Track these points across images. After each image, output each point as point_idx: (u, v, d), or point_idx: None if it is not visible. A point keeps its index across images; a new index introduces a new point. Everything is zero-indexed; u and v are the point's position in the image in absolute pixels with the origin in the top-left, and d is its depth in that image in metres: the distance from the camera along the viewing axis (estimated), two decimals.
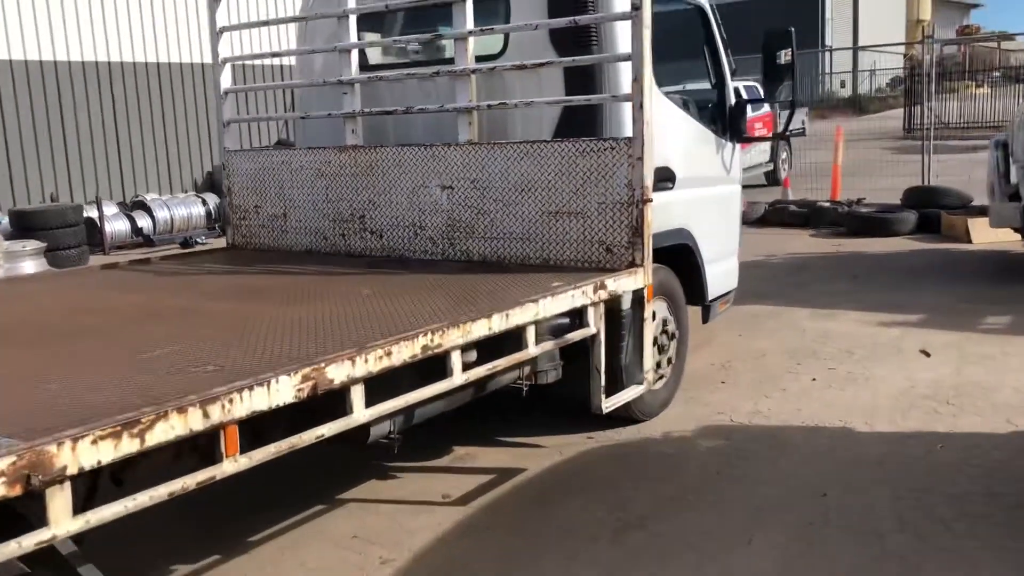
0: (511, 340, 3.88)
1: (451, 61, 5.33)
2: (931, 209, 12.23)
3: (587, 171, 4.78)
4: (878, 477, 4.64)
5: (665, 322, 5.62)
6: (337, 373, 2.91)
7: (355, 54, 5.68)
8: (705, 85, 6.33)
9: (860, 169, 14.58)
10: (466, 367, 3.64)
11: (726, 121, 6.17)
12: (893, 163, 14.85)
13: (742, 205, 6.56)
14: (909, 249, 11.27)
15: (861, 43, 43.52)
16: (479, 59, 5.35)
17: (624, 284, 4.55)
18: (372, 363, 3.03)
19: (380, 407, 3.15)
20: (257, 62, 16.34)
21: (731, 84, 6.23)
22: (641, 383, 4.86)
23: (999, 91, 29.16)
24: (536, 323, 3.92)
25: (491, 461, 5.12)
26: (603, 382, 4.46)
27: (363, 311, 3.86)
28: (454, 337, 3.41)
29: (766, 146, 18.39)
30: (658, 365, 5.56)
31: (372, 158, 5.53)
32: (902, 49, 35.97)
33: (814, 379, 6.31)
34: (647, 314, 4.77)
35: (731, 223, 6.44)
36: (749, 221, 13.63)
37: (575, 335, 4.28)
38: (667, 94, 5.60)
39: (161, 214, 15.40)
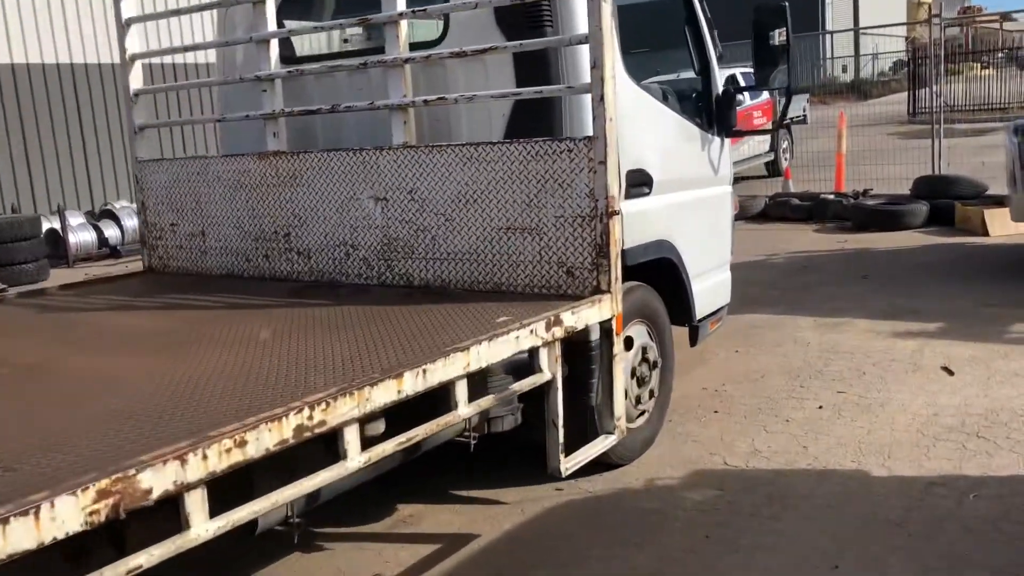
0: (437, 397, 3.08)
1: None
2: (943, 200, 11.37)
3: (541, 178, 3.97)
4: (900, 543, 3.82)
5: (645, 349, 4.80)
6: (158, 480, 2.10)
7: (275, 45, 4.86)
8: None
9: (865, 157, 13.70)
10: (370, 441, 2.84)
11: (712, 113, 5.34)
12: (900, 150, 13.95)
13: (734, 207, 5.74)
14: (921, 244, 10.42)
15: (862, 26, 42.59)
16: (416, 47, 4.53)
17: (586, 316, 3.73)
18: (215, 460, 2.22)
19: (230, 516, 2.34)
20: (178, 60, 15.32)
21: (717, 71, 5.40)
22: (612, 432, 4.04)
23: (1005, 73, 28.23)
24: (469, 376, 3.11)
25: (439, 524, 4.31)
26: (561, 438, 3.65)
27: (246, 366, 3.05)
28: (345, 410, 2.60)
29: (766, 135, 17.54)
30: (638, 400, 4.75)
31: (295, 166, 4.72)
32: (904, 32, 35.03)
33: (820, 406, 5.49)
34: (617, 349, 3.95)
35: (721, 230, 5.61)
36: (749, 216, 12.81)
37: (524, 384, 3.47)
38: (643, 84, 4.78)
39: (130, 223, 14.58)
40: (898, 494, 4.29)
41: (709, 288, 5.41)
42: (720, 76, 5.42)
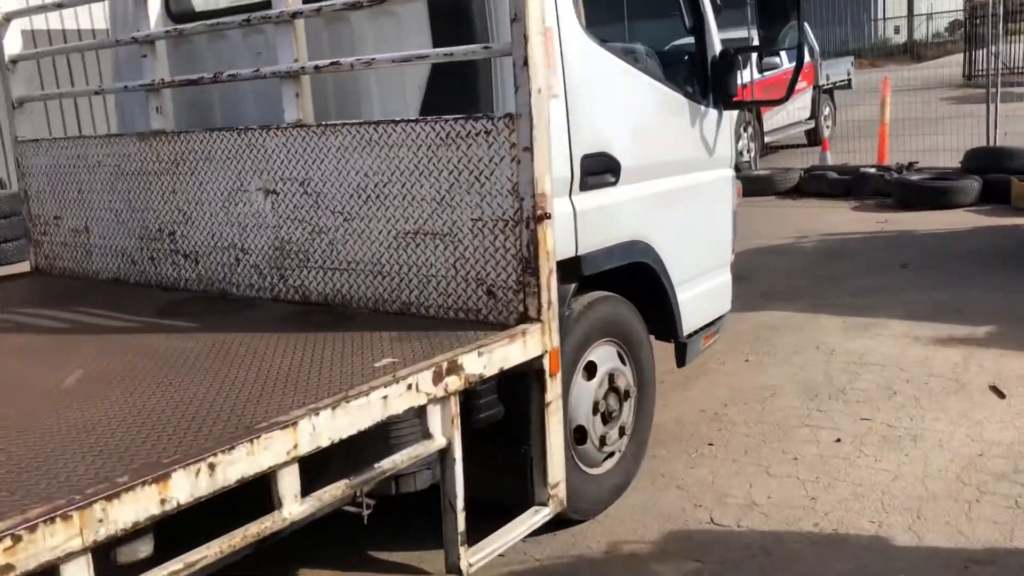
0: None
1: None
2: (998, 175, 10.15)
3: (453, 169, 3.01)
4: None
5: (612, 377, 3.85)
6: None
7: (155, 0, 3.94)
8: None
9: (913, 127, 12.43)
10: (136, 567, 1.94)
11: (707, 80, 4.32)
12: (952, 118, 12.66)
13: (736, 195, 4.72)
14: (971, 226, 9.25)
15: None
16: None
17: (503, 357, 2.79)
18: None
19: None
20: (71, 25, 13.16)
21: (714, 27, 4.37)
22: (545, 503, 3.09)
23: None
24: (299, 459, 2.19)
25: None
26: (461, 525, 2.71)
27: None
28: (60, 539, 1.69)
29: (806, 100, 16.28)
30: (603, 441, 3.81)
31: (177, 149, 3.81)
32: None
33: (838, 439, 4.50)
34: (551, 395, 3.00)
35: (717, 224, 4.60)
36: (781, 191, 11.71)
37: (401, 458, 2.54)
38: (611, 45, 3.79)
39: None
40: (927, 573, 3.31)
41: (701, 296, 4.43)
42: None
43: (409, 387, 2.44)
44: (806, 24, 16.34)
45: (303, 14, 3.34)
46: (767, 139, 15.00)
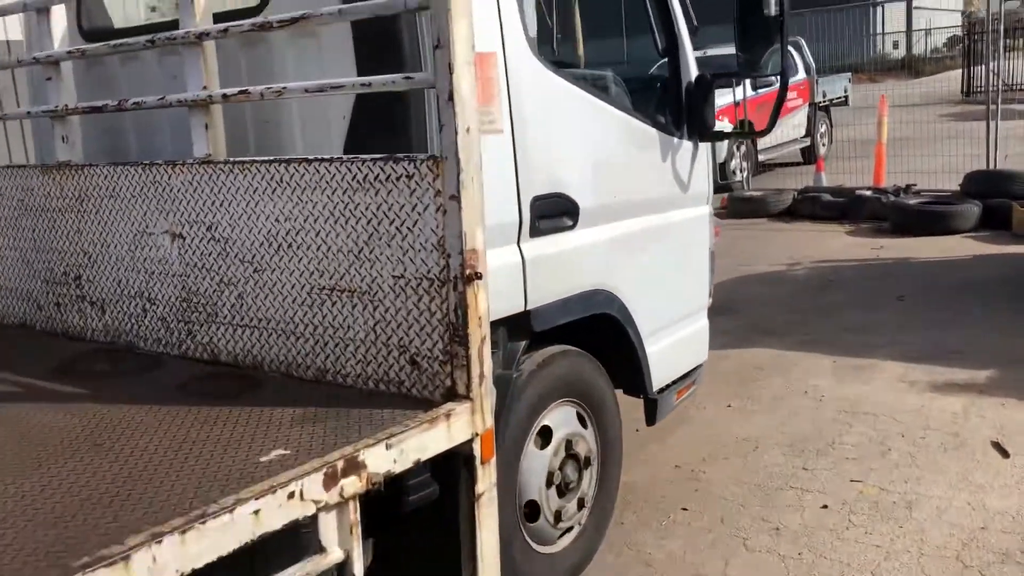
0: None
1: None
2: (999, 199, 9.74)
3: (372, 218, 2.59)
4: None
5: (571, 444, 3.42)
6: None
7: (59, 13, 3.52)
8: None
9: (910, 147, 11.99)
10: None
11: (681, 109, 3.90)
12: (951, 137, 12.24)
13: (714, 236, 4.29)
14: (971, 254, 8.84)
15: (915, 3, 40.30)
16: (227, 16, 3.17)
17: (421, 444, 2.35)
18: None
19: None
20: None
21: (689, 50, 3.95)
22: None
23: None
24: None
25: None
26: None
27: None
28: None
29: (802, 118, 15.91)
30: (558, 517, 3.38)
31: (82, 184, 3.38)
32: (960, 5, 32.77)
33: (825, 505, 4.07)
34: (483, 486, 2.56)
35: (693, 267, 4.17)
36: (773, 213, 11.30)
37: None
38: (569, 71, 3.38)
39: None
40: None
41: (673, 346, 4.00)
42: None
43: (292, 495, 2.01)
44: (802, 40, 16.01)
45: (211, 35, 2.92)
46: (761, 157, 14.62)
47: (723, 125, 13.30)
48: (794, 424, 4.99)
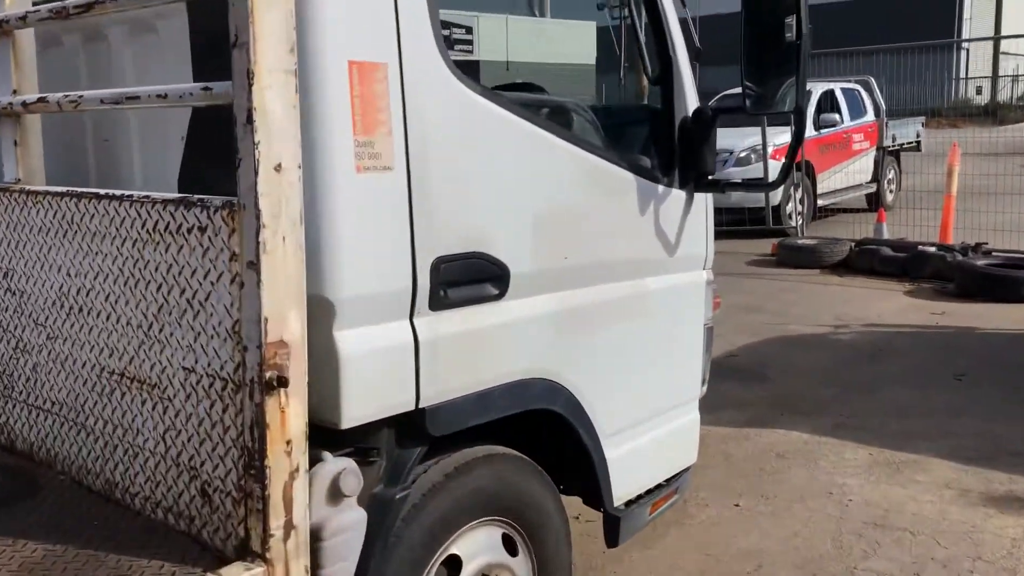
0: None
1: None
2: None
3: (162, 284, 1.84)
4: None
5: None
6: None
7: None
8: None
9: (985, 201, 10.84)
10: None
11: (673, 150, 3.08)
12: None
13: (711, 308, 3.43)
14: None
15: (1003, 48, 38.67)
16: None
17: None
18: None
19: None
20: None
21: (688, 79, 3.14)
22: None
23: None
24: None
25: None
26: None
27: None
28: None
29: (868, 163, 14.88)
30: None
31: None
32: None
33: None
34: None
35: (678, 348, 3.30)
36: (826, 265, 10.33)
37: None
38: (498, 92, 2.60)
39: None
40: None
41: (647, 449, 3.15)
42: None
43: None
44: (872, 80, 14.98)
45: (11, 21, 2.21)
46: (821, 202, 13.62)
47: (778, 166, 12.54)
48: (810, 536, 4.09)
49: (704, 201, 3.26)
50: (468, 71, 2.45)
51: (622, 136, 3.13)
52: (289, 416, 1.68)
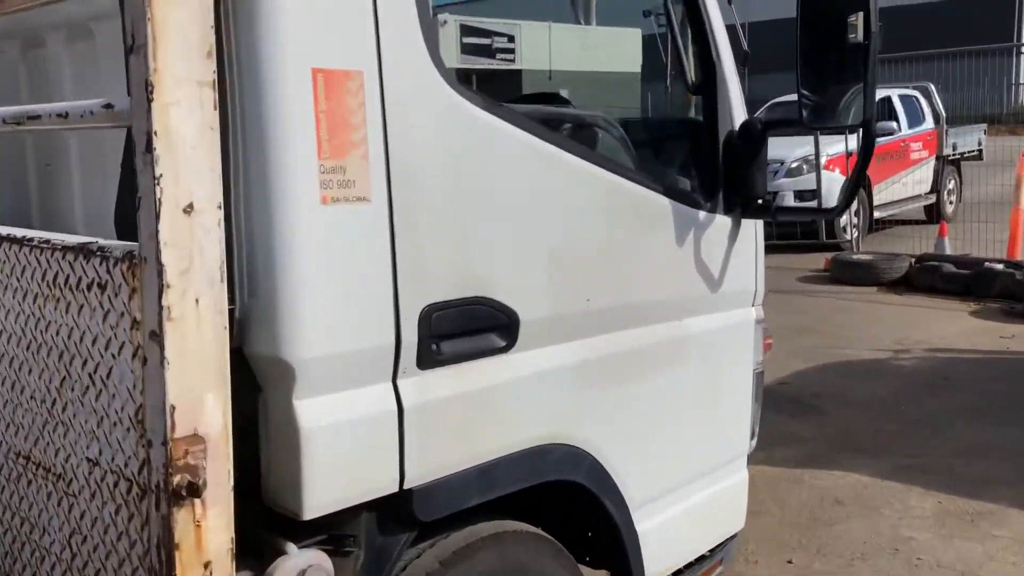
0: None
1: None
2: None
3: (64, 350, 1.46)
4: None
5: None
6: None
7: None
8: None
9: None
10: None
11: (717, 169, 2.64)
12: None
13: (761, 351, 2.98)
14: None
15: None
16: None
17: None
18: None
19: None
20: None
21: (735, 88, 2.70)
22: None
23: None
24: None
25: None
26: None
27: None
28: None
29: (927, 173, 14.20)
30: None
31: None
32: None
33: None
34: None
35: (723, 399, 2.83)
36: (884, 282, 9.76)
37: None
38: (509, 107, 2.19)
39: None
40: None
41: (686, 518, 2.71)
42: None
43: None
44: (931, 86, 14.32)
45: None
46: (877, 214, 12.98)
47: (832, 177, 11.95)
48: None
49: (753, 228, 2.82)
50: (508, 81, 2.06)
51: (657, 154, 2.71)
52: (207, 531, 1.28)
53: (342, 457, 1.78)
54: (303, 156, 1.67)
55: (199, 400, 1.26)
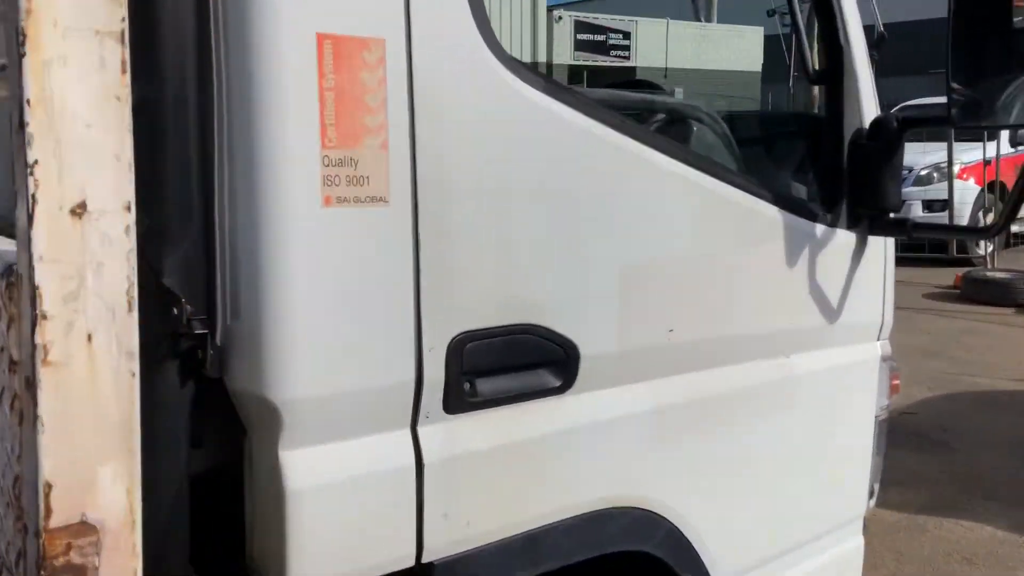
0: None
1: None
2: None
3: None
4: None
5: None
6: None
7: None
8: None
9: None
10: None
11: (840, 173, 2.16)
12: None
13: (888, 391, 2.47)
14: None
15: None
16: None
17: None
18: None
19: None
20: None
21: (866, 77, 2.21)
22: None
23: None
24: None
25: None
26: None
27: None
28: None
29: None
30: None
31: None
32: None
33: None
34: None
35: (835, 452, 2.33)
36: (1021, 303, 8.92)
37: None
38: (575, 89, 1.81)
39: None
40: None
41: None
42: None
43: None
44: None
45: None
46: (1015, 228, 11.95)
47: (966, 187, 11.05)
48: None
49: (882, 247, 2.32)
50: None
51: (767, 155, 2.25)
52: None
53: (341, 523, 1.42)
54: (302, 144, 1.31)
55: (90, 476, 0.90)
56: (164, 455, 1.33)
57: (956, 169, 10.66)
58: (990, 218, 10.96)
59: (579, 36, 21.32)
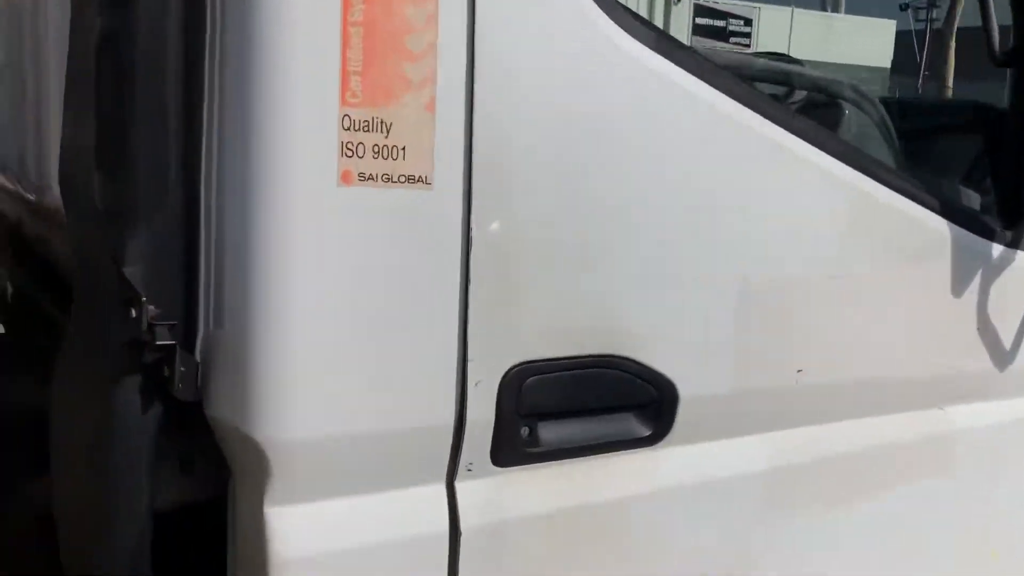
0: None
1: None
2: None
3: None
4: None
5: None
6: None
7: None
8: None
9: None
10: None
11: (1022, 178, 1.71)
12: None
13: None
14: None
15: None
16: None
17: None
18: None
19: None
20: None
21: None
22: None
23: None
24: None
25: None
26: None
27: None
28: None
29: None
30: None
31: None
32: None
33: None
34: None
35: (1006, 530, 1.87)
36: None
37: None
38: (717, 51, 1.39)
39: None
40: None
41: None
42: None
43: None
44: None
45: None
46: None
47: None
48: None
49: None
50: None
51: (933, 152, 1.81)
52: None
53: None
54: (313, 98, 0.97)
55: None
56: (119, 491, 1.03)
57: None
58: None
59: (698, 20, 20.65)
